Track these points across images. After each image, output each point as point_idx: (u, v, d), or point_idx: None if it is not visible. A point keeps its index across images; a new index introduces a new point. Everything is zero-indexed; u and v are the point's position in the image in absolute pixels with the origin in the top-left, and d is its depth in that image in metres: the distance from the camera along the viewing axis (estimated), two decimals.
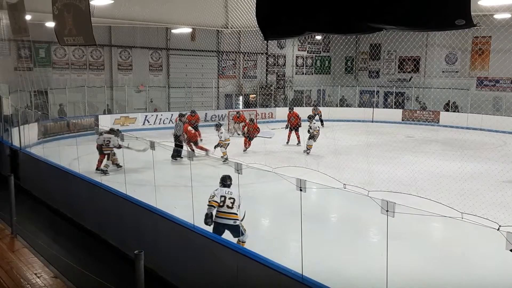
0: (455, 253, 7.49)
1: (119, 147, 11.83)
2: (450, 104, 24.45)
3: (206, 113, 23.58)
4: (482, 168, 13.21)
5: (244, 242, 6.70)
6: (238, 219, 6.58)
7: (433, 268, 6.86)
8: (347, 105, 27.72)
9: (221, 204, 6.61)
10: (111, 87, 22.75)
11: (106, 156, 12.48)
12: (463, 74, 24.72)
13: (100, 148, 12.48)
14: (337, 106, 27.45)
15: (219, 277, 5.82)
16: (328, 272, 6.02)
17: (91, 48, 21.58)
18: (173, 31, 22.24)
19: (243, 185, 6.35)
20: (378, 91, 27.89)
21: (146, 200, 7.29)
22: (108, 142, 12.24)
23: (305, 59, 29.84)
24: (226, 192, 6.70)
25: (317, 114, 22.75)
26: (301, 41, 29.10)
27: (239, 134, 18.80)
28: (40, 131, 17.13)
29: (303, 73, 29.81)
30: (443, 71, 25.76)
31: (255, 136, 16.58)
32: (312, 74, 30.12)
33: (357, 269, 6.68)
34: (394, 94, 27.40)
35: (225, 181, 6.81)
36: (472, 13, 3.35)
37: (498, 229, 4.00)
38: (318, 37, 29.23)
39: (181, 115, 15.15)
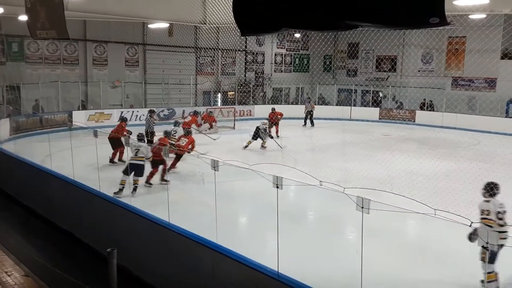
0: (429, 249, 7.59)
1: (149, 158, 10.16)
2: (426, 103, 24.83)
3: (183, 110, 23.40)
4: (456, 167, 13.43)
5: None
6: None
7: (407, 264, 6.93)
8: (326, 103, 27.88)
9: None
10: (86, 82, 22.33)
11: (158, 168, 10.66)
12: (438, 74, 25.12)
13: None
14: (315, 104, 27.59)
15: (195, 275, 5.76)
16: (304, 269, 6.02)
17: (65, 42, 21.14)
18: (150, 26, 21.95)
19: (220, 183, 6.29)
20: (356, 90, 28.14)
21: (122, 198, 7.18)
22: (136, 151, 10.02)
23: (284, 57, 29.88)
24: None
25: (312, 110, 22.92)
26: (280, 39, 29.12)
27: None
28: (12, 127, 16.70)
29: (281, 71, 29.85)
30: (419, 71, 26.13)
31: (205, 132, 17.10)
32: (291, 72, 30.19)
33: (333, 266, 6.71)
34: (371, 93, 27.70)
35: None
36: (447, 13, 3.37)
37: (470, 225, 4.08)
38: (297, 35, 29.30)
39: (151, 112, 15.32)
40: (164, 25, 20.74)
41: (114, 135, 12.12)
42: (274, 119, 18.29)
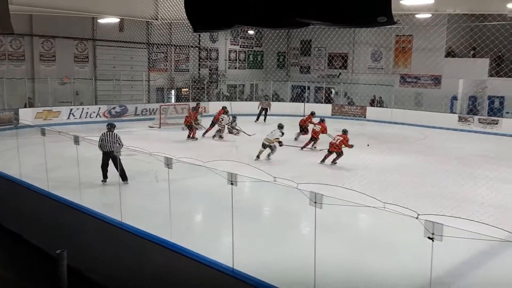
0: (379, 241, 7.84)
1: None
2: (375, 99, 25.56)
3: (136, 107, 22.97)
4: (405, 161, 13.93)
5: None
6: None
7: (359, 256, 7.14)
8: (280, 100, 28.12)
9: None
10: (33, 79, 21.45)
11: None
12: (387, 71, 25.92)
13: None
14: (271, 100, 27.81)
15: (148, 274, 5.68)
16: (259, 264, 6.08)
17: (10, 37, 20.20)
18: (100, 21, 21.35)
19: (174, 180, 6.24)
20: (309, 86, 28.56)
21: (71, 197, 6.97)
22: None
23: (238, 54, 29.88)
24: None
25: (267, 107, 23.07)
26: (234, 35, 29.09)
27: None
28: None
29: (236, 67, 29.84)
30: (369, 68, 26.84)
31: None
32: (245, 68, 30.24)
33: (288, 260, 6.80)
34: (324, 90, 28.20)
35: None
36: (394, 12, 3.49)
37: (416, 218, 4.24)
38: (251, 32, 29.37)
39: (111, 126, 11.19)
40: (114, 20, 20.24)
41: None
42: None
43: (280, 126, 14.20)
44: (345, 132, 13.87)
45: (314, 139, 15.82)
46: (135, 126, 19.56)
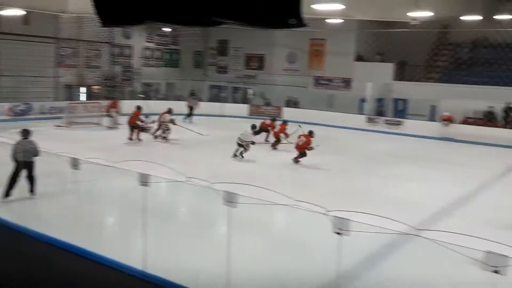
0: (292, 238, 8.03)
1: None
2: (291, 100, 26.29)
3: (42, 105, 21.59)
4: (319, 159, 14.42)
5: None
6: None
7: (273, 254, 7.24)
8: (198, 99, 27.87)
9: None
10: None
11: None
12: (302, 73, 26.69)
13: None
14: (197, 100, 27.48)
15: (52, 281, 5.34)
16: (173, 266, 5.96)
17: None
18: (2, 12, 19.76)
19: (83, 182, 5.93)
20: (226, 87, 28.63)
21: None
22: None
23: (153, 51, 29.18)
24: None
25: (194, 106, 22.62)
26: (149, 32, 28.36)
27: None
28: None
29: (151, 66, 29.11)
30: (284, 69, 27.49)
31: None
32: (161, 66, 29.62)
33: (202, 261, 6.73)
34: (241, 90, 28.44)
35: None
36: (307, 16, 3.58)
37: (325, 214, 4.40)
38: (167, 29, 28.80)
39: (26, 132, 9.40)
40: (19, 12, 18.86)
41: None
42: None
43: (254, 127, 14.93)
44: (310, 133, 14.29)
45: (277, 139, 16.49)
46: (42, 125, 18.33)
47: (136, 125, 16.38)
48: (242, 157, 14.14)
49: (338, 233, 4.34)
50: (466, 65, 22.20)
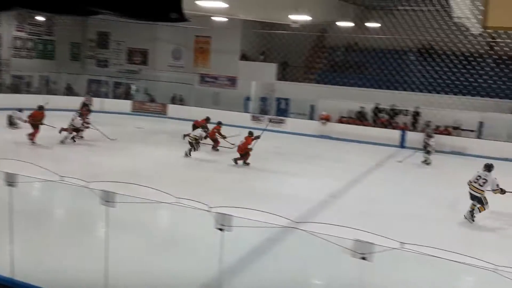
0: (176, 237, 7.92)
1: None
2: (176, 97, 25.94)
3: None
4: (205, 157, 14.45)
5: None
6: None
7: (155, 253, 7.06)
8: (75, 94, 26.20)
9: None
10: None
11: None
12: (187, 70, 26.48)
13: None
14: (63, 94, 25.67)
15: None
16: (45, 271, 5.51)
17: None
18: None
19: None
20: (107, 81, 27.32)
21: None
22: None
23: (25, 41, 26.75)
24: None
25: (89, 104, 20.90)
26: (20, 20, 25.93)
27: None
28: None
29: (22, 57, 26.67)
30: (169, 66, 27.04)
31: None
32: (34, 58, 27.27)
33: (79, 265, 6.33)
34: (124, 85, 27.35)
35: None
36: (192, 12, 3.54)
37: (208, 211, 4.39)
38: (40, 18, 26.60)
39: None
40: None
41: None
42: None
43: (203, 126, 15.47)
44: (250, 134, 14.48)
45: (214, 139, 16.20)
46: None
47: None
48: (190, 155, 14.25)
49: (220, 229, 4.35)
50: (340, 68, 23.83)
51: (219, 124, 16.81)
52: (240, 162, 13.84)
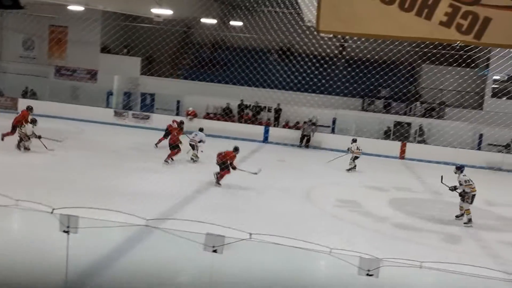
0: (18, 243, 7.22)
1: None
2: (28, 91, 23.76)
3: None
4: (61, 156, 13.43)
5: None
6: None
7: None
8: None
9: None
10: None
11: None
12: (41, 62, 24.41)
13: None
14: None
15: None
16: None
17: None
18: None
19: None
20: None
21: None
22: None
23: None
24: None
25: None
26: None
27: None
28: None
29: None
30: (20, 57, 24.67)
31: None
32: None
33: None
34: None
35: None
36: (46, 0, 3.22)
37: (51, 212, 4.06)
38: None
39: None
40: None
41: None
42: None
43: (201, 129, 15.23)
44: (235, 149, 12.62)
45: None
46: None
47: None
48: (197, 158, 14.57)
49: (66, 232, 4.05)
50: (207, 65, 24.04)
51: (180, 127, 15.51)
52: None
